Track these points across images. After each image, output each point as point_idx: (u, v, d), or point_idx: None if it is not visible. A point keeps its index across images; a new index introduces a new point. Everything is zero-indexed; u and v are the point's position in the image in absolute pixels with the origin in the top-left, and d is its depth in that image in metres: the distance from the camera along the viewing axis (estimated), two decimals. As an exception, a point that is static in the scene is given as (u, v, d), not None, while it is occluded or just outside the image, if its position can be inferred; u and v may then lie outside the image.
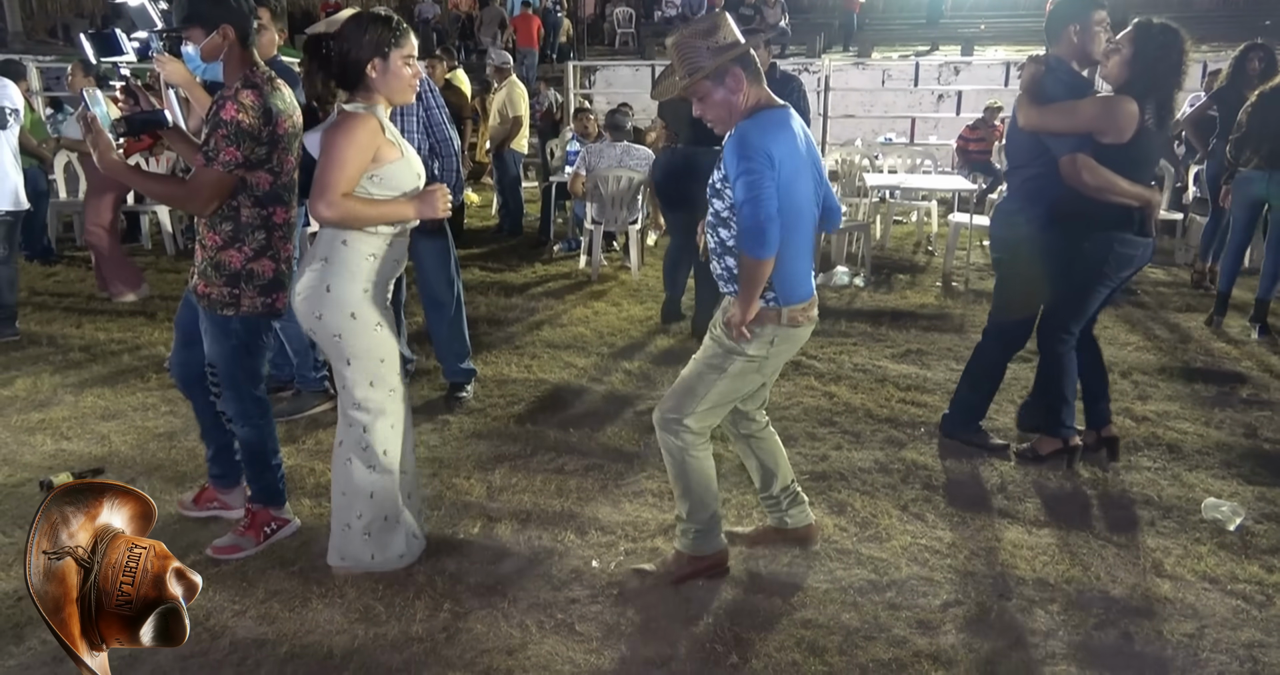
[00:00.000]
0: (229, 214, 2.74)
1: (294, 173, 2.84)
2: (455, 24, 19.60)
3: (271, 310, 2.85)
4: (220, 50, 2.72)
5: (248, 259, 2.77)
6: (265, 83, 2.71)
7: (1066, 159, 3.34)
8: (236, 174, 2.67)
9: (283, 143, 2.75)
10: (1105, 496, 3.44)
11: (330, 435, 3.97)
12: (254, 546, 3.00)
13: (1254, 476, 3.61)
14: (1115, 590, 2.83)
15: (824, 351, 5.10)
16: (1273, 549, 3.07)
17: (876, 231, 8.21)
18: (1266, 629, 2.63)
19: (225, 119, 2.61)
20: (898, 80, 14.12)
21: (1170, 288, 6.60)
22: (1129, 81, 3.33)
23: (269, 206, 2.77)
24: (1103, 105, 3.34)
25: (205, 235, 2.78)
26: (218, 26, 2.69)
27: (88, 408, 4.30)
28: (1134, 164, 3.34)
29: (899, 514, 3.30)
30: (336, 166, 2.50)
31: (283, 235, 2.84)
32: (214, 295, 2.78)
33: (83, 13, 21.09)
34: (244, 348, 2.85)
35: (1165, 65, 3.29)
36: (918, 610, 2.72)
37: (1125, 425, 4.09)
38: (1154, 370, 4.83)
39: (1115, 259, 3.46)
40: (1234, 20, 16.82)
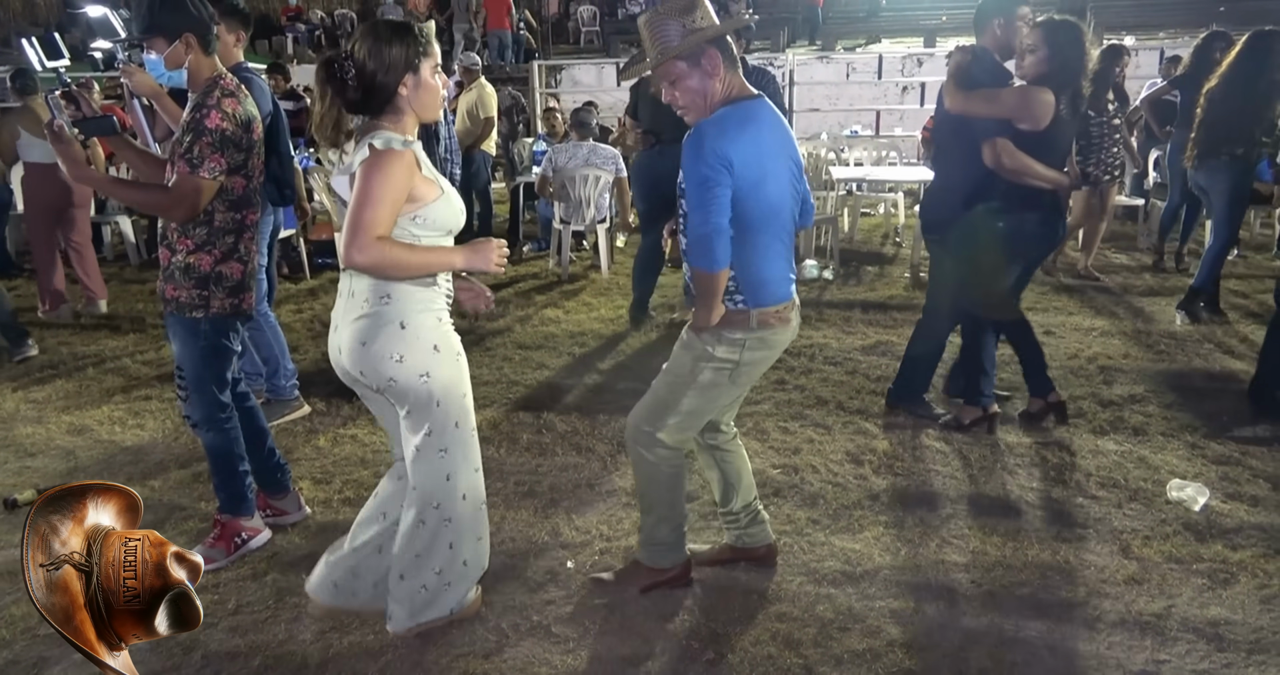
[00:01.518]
0: (204, 219, 2.74)
1: (260, 176, 2.86)
2: (417, 26, 19.43)
3: (238, 310, 2.85)
4: (183, 59, 2.71)
5: (217, 261, 2.77)
6: (239, 89, 2.74)
7: (987, 143, 3.59)
8: (219, 180, 2.68)
9: (256, 148, 2.79)
10: (1072, 481, 3.49)
11: (302, 442, 3.94)
12: (225, 558, 2.97)
13: (1218, 458, 3.67)
14: (1084, 573, 2.87)
15: (794, 345, 5.12)
16: (1236, 528, 3.12)
17: (844, 224, 8.26)
18: (1231, 607, 2.68)
19: (210, 127, 2.63)
20: (862, 73, 14.21)
21: (1134, 273, 6.69)
22: (1046, 75, 3.57)
23: (241, 210, 2.80)
24: (1022, 95, 3.57)
25: (176, 240, 2.77)
26: (180, 35, 2.69)
27: (52, 423, 4.24)
28: (1048, 150, 3.58)
29: (870, 504, 3.33)
30: (370, 205, 2.18)
31: (250, 237, 2.86)
32: (182, 298, 2.77)
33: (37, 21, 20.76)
34: (212, 349, 2.84)
35: (1075, 59, 3.55)
36: (891, 600, 2.74)
37: (1091, 410, 4.15)
38: (1119, 355, 4.90)
39: (1026, 238, 3.70)
40: (1189, 7, 17.03)
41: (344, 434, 4.07)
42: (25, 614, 2.69)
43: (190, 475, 3.65)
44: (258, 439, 3.13)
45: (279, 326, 4.33)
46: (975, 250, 3.74)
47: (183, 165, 2.64)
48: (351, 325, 2.34)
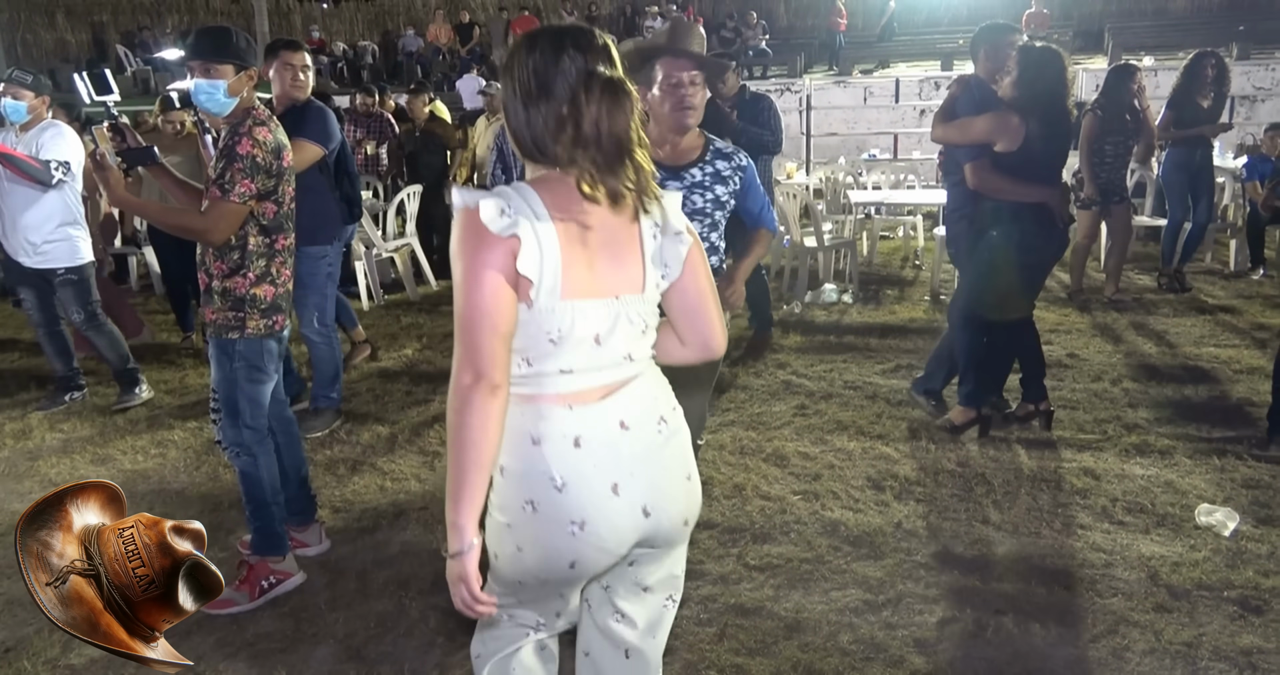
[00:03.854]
0: (237, 243, 2.83)
1: (293, 202, 2.96)
2: (436, 56, 19.75)
3: (272, 332, 2.91)
4: (243, 89, 2.81)
5: (251, 284, 2.86)
6: (271, 120, 2.85)
7: (967, 167, 3.93)
8: (249, 205, 2.77)
9: (286, 175, 2.88)
10: (1098, 506, 3.43)
11: (323, 470, 3.95)
12: (248, 602, 2.91)
13: (1247, 481, 3.60)
14: (1112, 601, 2.81)
15: (814, 370, 5.10)
16: (1268, 554, 3.06)
17: (863, 248, 8.24)
18: (1264, 635, 2.62)
19: (241, 154, 2.73)
20: (879, 97, 14.24)
21: (1156, 294, 6.62)
22: (1014, 98, 3.80)
23: (273, 234, 2.88)
24: (991, 120, 3.83)
25: (212, 264, 2.86)
26: (248, 68, 2.82)
27: (76, 452, 4.28)
28: (1028, 167, 3.80)
29: (892, 531, 3.29)
30: None
31: (282, 261, 2.94)
32: (219, 321, 2.86)
33: (68, 57, 21.25)
34: (246, 372, 2.89)
35: (1042, 82, 3.73)
36: (914, 628, 2.70)
37: (1117, 433, 4.09)
38: (1144, 377, 4.84)
39: (1018, 248, 3.88)
40: (1208, 27, 16.98)
41: (364, 462, 4.08)
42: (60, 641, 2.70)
43: (211, 505, 3.67)
44: (294, 470, 3.18)
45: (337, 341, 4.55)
46: (976, 262, 4.05)
47: (214, 190, 2.74)
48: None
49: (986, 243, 3.96)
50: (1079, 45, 17.47)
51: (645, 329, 1.64)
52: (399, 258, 7.21)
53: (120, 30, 22.34)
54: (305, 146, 4.02)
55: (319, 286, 4.31)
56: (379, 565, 3.17)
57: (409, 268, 7.34)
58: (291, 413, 3.24)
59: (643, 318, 1.63)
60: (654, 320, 1.67)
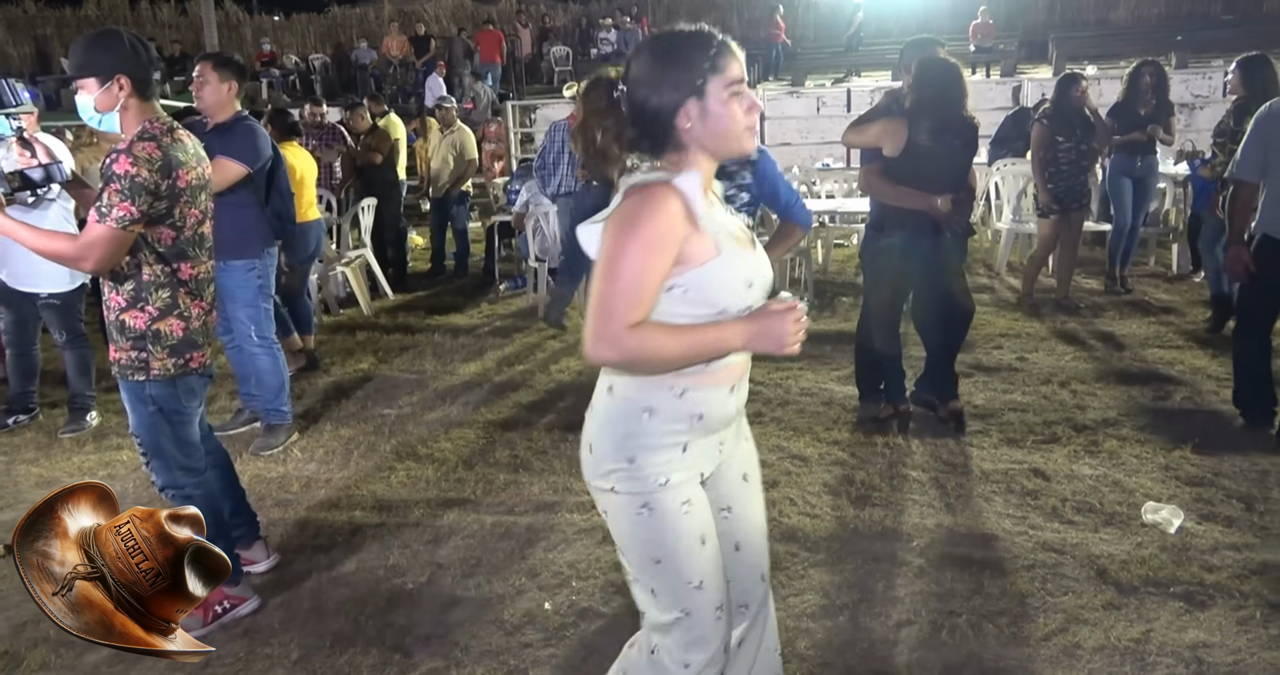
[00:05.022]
0: (130, 272, 2.59)
1: (200, 226, 2.69)
2: (389, 69, 19.65)
3: (187, 370, 2.68)
4: (116, 101, 2.57)
5: (153, 319, 2.61)
6: (164, 134, 2.57)
7: (859, 170, 4.25)
8: (132, 230, 2.49)
9: (185, 196, 2.59)
10: (1049, 506, 3.49)
11: (276, 488, 3.89)
12: (201, 627, 2.81)
13: (1191, 479, 3.69)
14: (1063, 599, 2.86)
15: (770, 377, 5.13)
16: (1211, 549, 3.13)
17: (818, 256, 8.33)
18: (1209, 629, 2.68)
19: (119, 173, 2.45)
20: (832, 107, 14.41)
21: (1104, 297, 6.77)
22: (908, 107, 4.04)
23: (173, 263, 2.62)
24: (880, 125, 4.05)
25: (109, 296, 2.63)
26: (113, 76, 2.55)
27: (21, 476, 4.17)
28: (912, 173, 3.96)
29: (848, 536, 3.32)
30: (616, 280, 1.59)
31: (190, 291, 2.67)
32: (123, 360, 2.64)
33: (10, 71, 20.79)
34: (163, 415, 2.68)
35: (930, 92, 3.93)
36: (871, 632, 2.72)
37: (1066, 434, 4.17)
38: (1091, 379, 4.94)
39: (895, 255, 4.09)
40: (1148, 37, 17.44)
41: (318, 478, 4.02)
42: None
43: (161, 525, 3.59)
44: (233, 496, 3.09)
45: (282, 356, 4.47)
46: (863, 266, 4.42)
47: (93, 213, 2.47)
48: None
49: (871, 252, 4.25)
50: (1024, 55, 17.87)
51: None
52: (352, 271, 7.14)
53: (64, 43, 21.92)
54: (226, 165, 3.94)
55: (251, 299, 4.24)
56: (334, 583, 3.13)
57: (363, 281, 7.28)
58: (218, 440, 3.09)
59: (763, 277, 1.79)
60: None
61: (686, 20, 1.76)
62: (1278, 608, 2.77)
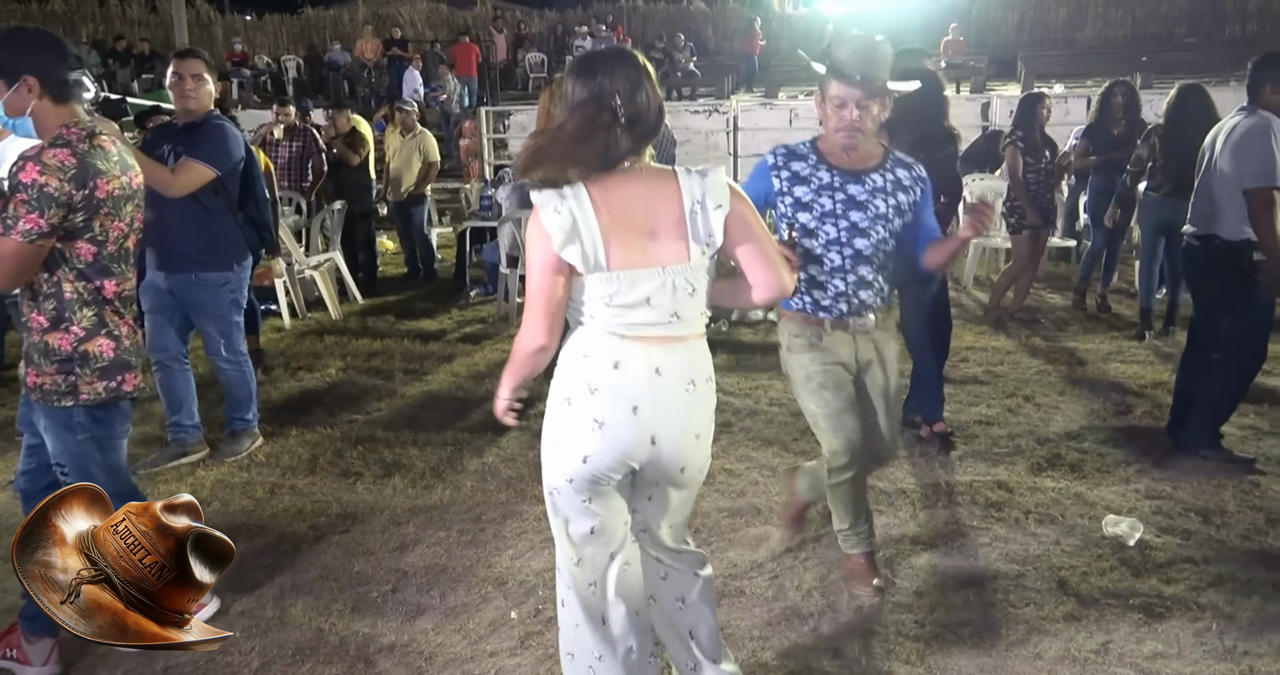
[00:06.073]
0: (50, 291, 2.39)
1: (125, 240, 2.49)
2: (362, 71, 19.55)
3: (118, 394, 2.50)
4: (26, 104, 2.36)
5: (79, 340, 2.42)
6: (81, 140, 2.35)
7: None
8: (41, 244, 2.30)
9: (105, 207, 2.38)
10: (1011, 518, 3.53)
11: (240, 494, 3.84)
12: None
13: (1150, 493, 3.75)
14: (1024, 610, 2.90)
15: (740, 387, 5.15)
16: (1169, 562, 3.18)
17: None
18: (1167, 641, 2.73)
19: (26, 182, 2.25)
20: (804, 118, 14.50)
21: (1068, 312, 6.87)
22: (888, 119, 4.02)
23: (95, 280, 2.42)
24: None
25: (29, 316, 2.43)
26: (19, 77, 2.35)
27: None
28: None
29: (814, 546, 3.33)
30: None
31: (117, 309, 2.49)
32: (46, 385, 2.42)
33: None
34: (94, 442, 2.49)
35: (911, 104, 3.85)
36: (836, 641, 2.74)
37: (1030, 447, 4.22)
38: (1055, 393, 5.01)
39: None
40: (1114, 56, 17.81)
41: (282, 485, 3.98)
42: None
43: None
44: None
45: None
46: None
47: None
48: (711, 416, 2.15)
49: None
50: (994, 72, 18.14)
51: (693, 292, 2.00)
52: (320, 275, 7.08)
53: (30, 39, 21.57)
54: (192, 168, 3.75)
55: (223, 314, 4.08)
56: (297, 591, 3.10)
57: (331, 285, 7.22)
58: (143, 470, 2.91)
59: (690, 283, 1.98)
60: (702, 285, 2.02)
61: (664, 30, 1.80)
62: (1234, 619, 2.83)
